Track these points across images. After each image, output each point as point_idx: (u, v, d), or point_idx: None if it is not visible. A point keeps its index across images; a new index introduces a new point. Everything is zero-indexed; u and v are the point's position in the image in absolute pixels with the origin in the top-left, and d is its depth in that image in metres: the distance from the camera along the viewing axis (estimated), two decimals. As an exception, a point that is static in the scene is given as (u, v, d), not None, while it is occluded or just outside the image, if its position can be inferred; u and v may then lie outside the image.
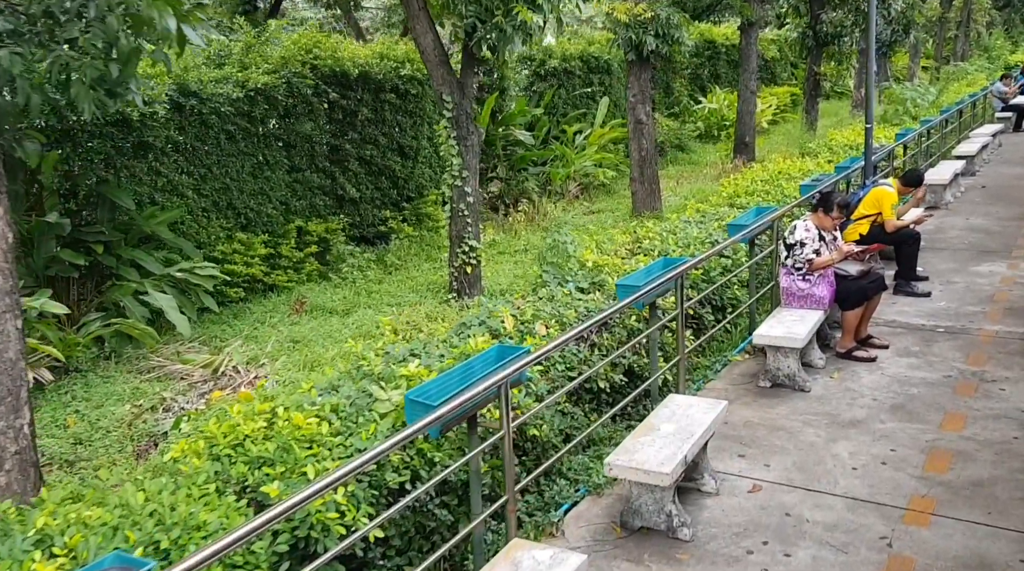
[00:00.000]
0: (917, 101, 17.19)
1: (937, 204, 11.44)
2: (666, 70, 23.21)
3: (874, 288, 6.24)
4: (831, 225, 6.31)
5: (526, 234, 12.84)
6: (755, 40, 17.56)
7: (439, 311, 8.93)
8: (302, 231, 10.97)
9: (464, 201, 9.10)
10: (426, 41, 8.67)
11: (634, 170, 13.59)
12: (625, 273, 6.85)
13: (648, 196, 13.58)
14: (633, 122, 13.36)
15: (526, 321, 6.00)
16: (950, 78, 27.83)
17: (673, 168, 18.99)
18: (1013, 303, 7.31)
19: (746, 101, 17.64)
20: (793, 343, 5.57)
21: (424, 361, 5.21)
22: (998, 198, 11.90)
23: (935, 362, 6.09)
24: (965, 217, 10.82)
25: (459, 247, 9.16)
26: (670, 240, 7.96)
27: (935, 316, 7.11)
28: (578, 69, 18.19)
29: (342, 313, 9.11)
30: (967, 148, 14.10)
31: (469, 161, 9.10)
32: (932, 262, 8.75)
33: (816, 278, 6.16)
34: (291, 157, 11.04)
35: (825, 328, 6.56)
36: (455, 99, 8.87)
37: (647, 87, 13.23)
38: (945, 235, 9.92)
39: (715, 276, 7.44)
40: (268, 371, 7.28)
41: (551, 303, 6.41)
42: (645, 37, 12.52)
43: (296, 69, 10.98)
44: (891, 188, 7.80)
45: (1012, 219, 10.48)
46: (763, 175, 11.63)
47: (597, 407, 5.88)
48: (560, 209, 14.50)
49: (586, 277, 6.87)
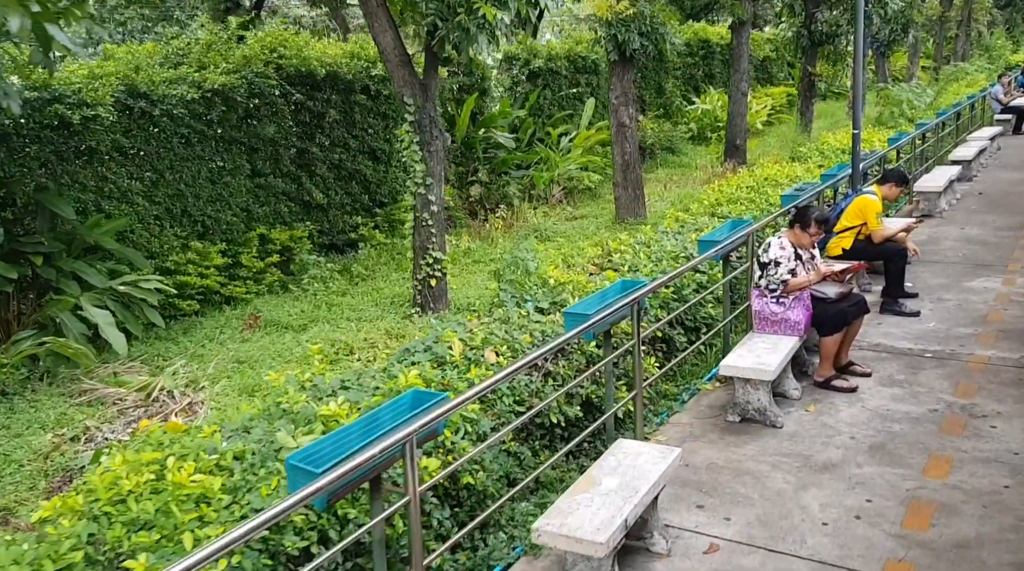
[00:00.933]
0: (913, 103, 16.66)
1: (931, 212, 10.92)
2: (658, 70, 22.70)
3: (855, 312, 5.73)
4: (808, 242, 5.79)
5: (503, 242, 12.33)
6: (746, 40, 17.03)
7: (400, 327, 8.42)
8: (265, 239, 10.47)
9: (428, 210, 8.59)
10: (385, 40, 8.15)
11: (617, 175, 13.07)
12: (588, 293, 6.35)
13: (632, 202, 13.06)
14: (616, 125, 12.85)
15: (475, 347, 5.51)
16: (949, 79, 27.29)
17: (663, 171, 18.47)
18: (1007, 324, 6.80)
19: (737, 103, 17.12)
20: (763, 375, 5.06)
21: (353, 396, 4.71)
22: (995, 206, 11.38)
23: (921, 393, 5.58)
24: (960, 226, 10.30)
25: (423, 259, 8.65)
26: (642, 254, 7.45)
27: (923, 339, 6.59)
28: (564, 69, 17.66)
29: (298, 329, 8.60)
30: (964, 152, 13.57)
31: (433, 167, 8.58)
32: (923, 277, 8.24)
33: (791, 301, 5.65)
34: (253, 161, 10.53)
35: (802, 354, 6.05)
36: (418, 102, 8.36)
37: (631, 88, 12.71)
38: (938, 246, 9.40)
39: (687, 294, 6.94)
40: (206, 396, 6.77)
41: (505, 325, 5.91)
42: (628, 35, 12.01)
43: (258, 69, 10.47)
44: (875, 196, 7.28)
45: (1009, 229, 9.96)
46: (749, 181, 11.12)
47: (550, 443, 5.37)
48: (541, 215, 13.99)
49: (547, 296, 6.37)
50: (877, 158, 10.36)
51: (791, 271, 5.67)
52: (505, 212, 13.29)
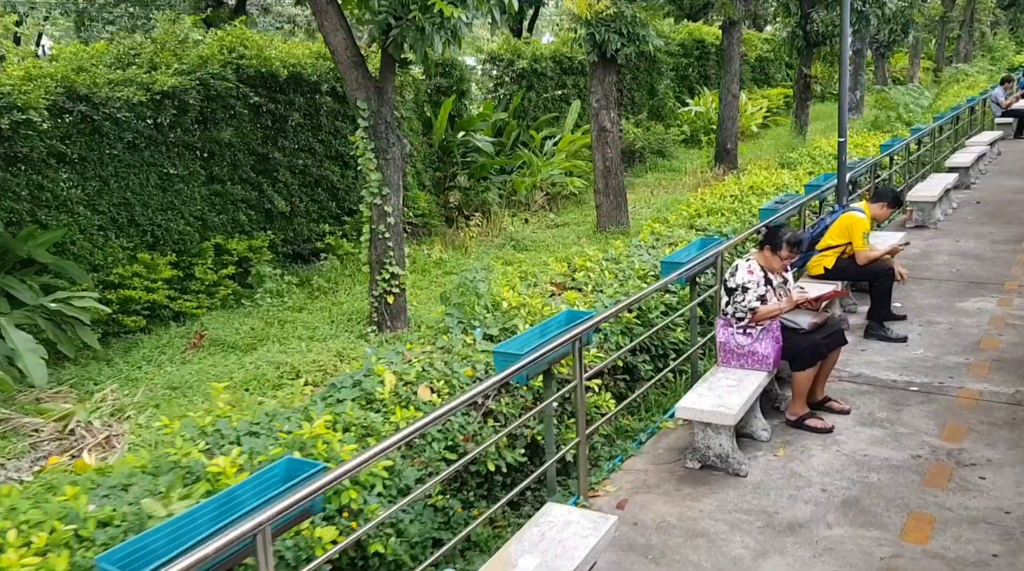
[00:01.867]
0: (910, 106, 16.08)
1: (925, 223, 10.35)
2: (650, 70, 22.14)
3: (831, 343, 5.17)
4: (780, 266, 5.24)
5: (478, 251, 11.78)
6: (738, 40, 16.46)
7: (354, 348, 7.88)
8: (221, 250, 9.92)
9: (384, 222, 8.04)
10: (336, 40, 7.60)
11: (598, 181, 12.52)
12: (542, 318, 5.80)
13: (613, 210, 12.51)
14: (596, 129, 12.29)
15: (410, 381, 4.97)
16: (950, 81, 26.70)
17: (652, 176, 17.91)
18: (1002, 352, 6.24)
19: (728, 105, 16.55)
20: (724, 419, 4.51)
21: (260, 444, 4.16)
22: (993, 216, 10.81)
23: (903, 435, 5.02)
24: (955, 239, 9.73)
25: (379, 274, 8.10)
26: (608, 273, 6.90)
27: (909, 368, 6.03)
28: (550, 70, 17.11)
29: (245, 349, 8.06)
30: (962, 159, 12.99)
31: (390, 176, 8.03)
32: (913, 296, 7.68)
33: (759, 332, 5.09)
34: (209, 167, 9.98)
35: (774, 388, 5.49)
36: (372, 106, 7.81)
37: (612, 91, 12.15)
38: (931, 262, 8.83)
39: (655, 317, 6.39)
40: (130, 428, 6.23)
41: (447, 356, 5.37)
42: (608, 36, 11.44)
43: (215, 70, 9.92)
44: (862, 213, 6.72)
45: (1007, 242, 9.39)
46: (734, 189, 10.56)
47: (489, 491, 4.82)
48: (520, 222, 13.43)
49: (497, 322, 5.81)
50: (867, 166, 9.79)
51: (760, 298, 5.11)
52: (480, 220, 12.72)
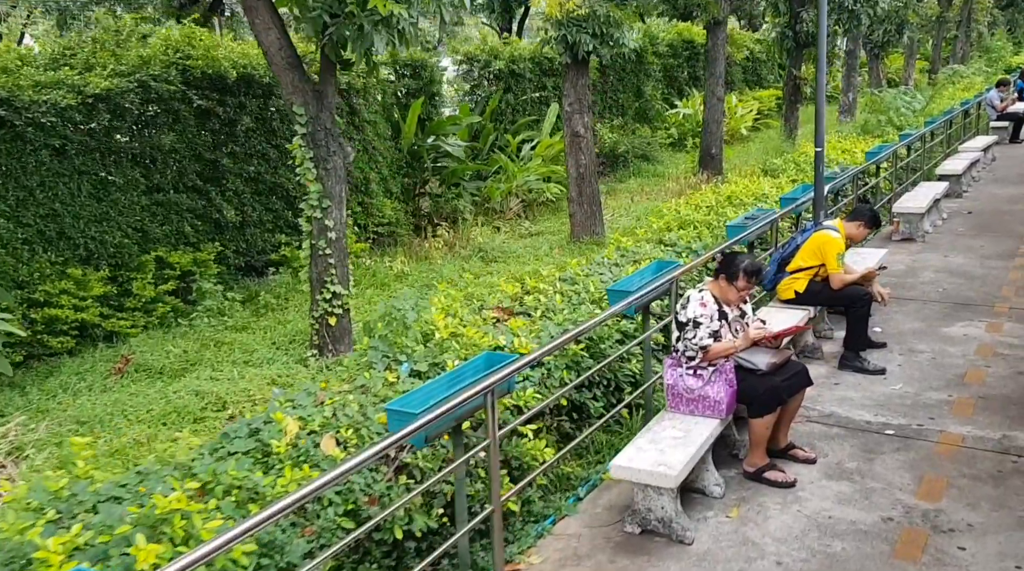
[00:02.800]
0: (901, 110, 15.49)
1: (912, 236, 9.76)
2: (637, 71, 21.56)
3: (793, 386, 4.57)
4: (736, 298, 4.64)
5: (443, 263, 11.17)
6: (723, 41, 15.86)
7: (291, 374, 7.28)
8: (163, 263, 9.31)
9: (325, 237, 7.43)
10: (269, 39, 7.00)
11: (571, 189, 11.92)
12: (480, 350, 5.21)
13: (588, 219, 11.91)
14: (569, 134, 11.69)
15: (313, 431, 4.37)
16: (945, 82, 26.12)
17: (635, 181, 17.32)
18: (988, 387, 5.64)
19: (712, 109, 15.96)
20: (664, 481, 3.91)
21: (116, 514, 3.56)
22: (985, 228, 10.22)
23: (874, 492, 4.42)
24: (943, 254, 9.14)
25: (320, 293, 7.49)
26: (559, 297, 6.30)
27: (886, 407, 5.44)
28: (528, 71, 16.50)
29: (173, 374, 7.45)
30: (953, 166, 12.40)
31: (331, 188, 7.43)
32: (895, 319, 7.09)
33: (711, 373, 4.49)
34: (150, 175, 9.37)
35: (732, 432, 4.90)
36: (311, 111, 7.21)
37: (585, 94, 11.55)
38: (916, 279, 8.24)
39: (608, 348, 5.79)
40: (26, 470, 5.62)
41: (364, 397, 4.78)
42: (580, 37, 10.85)
43: (156, 71, 9.31)
44: (836, 233, 6.13)
45: (998, 258, 8.80)
46: (711, 199, 9.97)
47: (399, 562, 4.22)
48: (490, 232, 12.82)
49: (428, 355, 5.22)
50: (850, 176, 9.19)
51: (713, 334, 4.52)
52: (447, 229, 12.12)
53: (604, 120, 19.51)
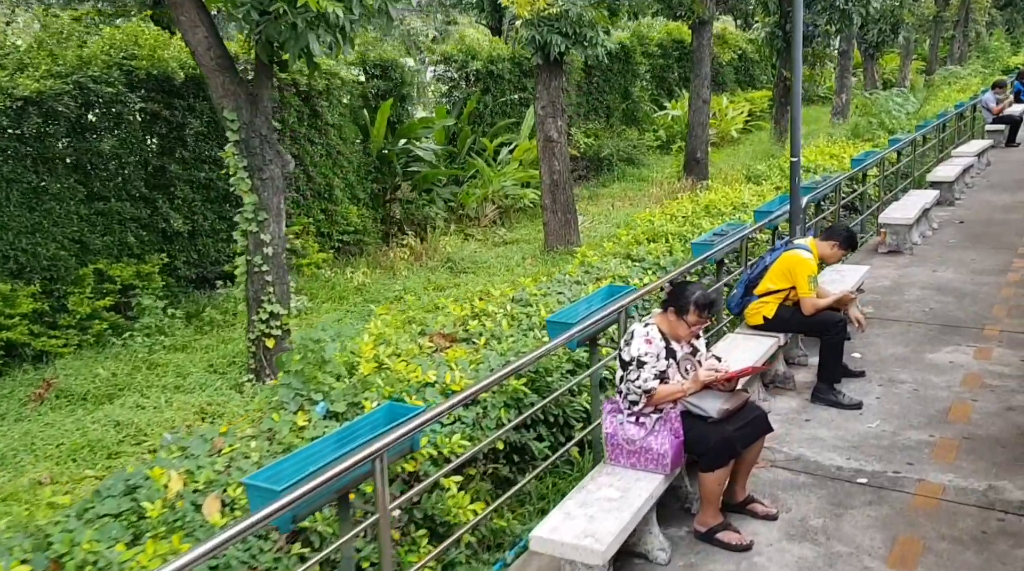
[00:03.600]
0: (893, 113, 14.94)
1: (900, 248, 9.21)
2: (624, 72, 21.01)
3: (748, 436, 4.02)
4: (687, 334, 4.09)
5: (408, 275, 10.62)
6: (708, 41, 15.32)
7: (223, 401, 6.73)
8: (103, 276, 8.75)
9: (261, 252, 6.88)
10: (196, 38, 6.45)
11: (545, 197, 11.37)
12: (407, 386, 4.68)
13: (562, 227, 11.36)
14: (543, 139, 11.14)
15: (199, 489, 3.83)
16: (940, 83, 25.57)
17: (619, 186, 16.78)
18: (975, 426, 5.09)
19: (698, 111, 15.41)
20: (591, 556, 3.35)
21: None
22: (977, 239, 9.67)
23: (840, 558, 3.87)
24: (932, 268, 8.59)
25: (256, 313, 6.94)
26: (507, 321, 5.75)
27: (860, 449, 4.89)
28: (507, 72, 15.94)
29: (99, 400, 6.90)
30: (945, 173, 11.84)
31: (267, 199, 6.88)
32: (876, 343, 6.54)
33: (655, 421, 3.94)
34: (88, 183, 8.82)
35: (684, 483, 4.34)
36: (244, 117, 6.66)
37: (558, 97, 11.00)
38: (902, 297, 7.69)
39: (555, 381, 5.25)
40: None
41: (268, 445, 4.24)
42: (552, 36, 10.30)
43: (96, 72, 8.76)
44: (809, 254, 5.58)
45: (990, 273, 8.25)
46: (688, 208, 9.43)
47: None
48: (460, 240, 12.26)
49: (347, 394, 4.67)
50: (833, 185, 8.62)
51: (659, 375, 3.97)
52: (413, 239, 11.55)
53: (589, 122, 18.95)
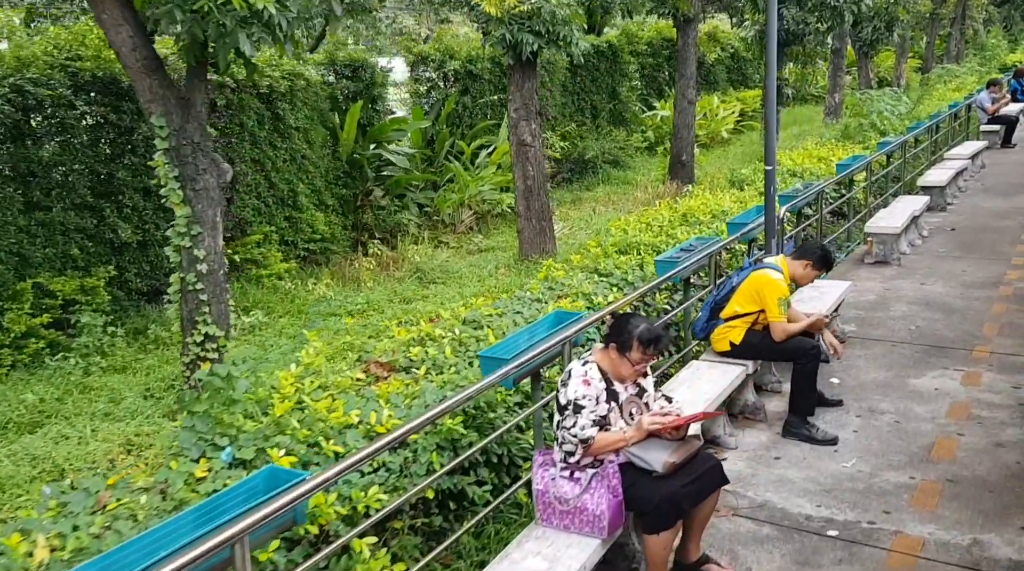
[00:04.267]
0: (885, 113, 14.45)
1: (887, 258, 8.73)
2: (612, 71, 20.53)
3: (698, 492, 3.52)
4: (631, 374, 3.61)
5: (373, 286, 10.13)
6: (694, 40, 14.82)
7: (154, 431, 6.23)
8: (44, 291, 8.26)
9: (195, 269, 6.39)
10: (120, 37, 5.95)
11: (519, 203, 10.87)
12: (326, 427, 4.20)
13: (537, 235, 10.87)
14: (516, 143, 10.65)
15: (65, 558, 3.34)
16: (936, 82, 25.09)
17: (603, 189, 16.28)
18: (960, 466, 4.61)
19: (683, 112, 14.92)
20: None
21: None
22: (969, 248, 9.19)
23: (801, 632, 3.40)
24: (920, 280, 8.11)
25: (190, 335, 6.45)
26: (451, 348, 5.27)
27: (833, 493, 4.41)
28: (487, 72, 15.44)
29: (20, 429, 6.40)
30: (937, 177, 11.36)
31: (202, 212, 6.39)
32: (856, 365, 6.06)
33: (591, 476, 3.45)
34: (28, 191, 8.32)
35: (630, 542, 3.86)
36: (174, 123, 6.17)
37: (532, 98, 10.51)
38: (887, 313, 7.21)
39: (499, 417, 4.76)
40: None
41: (161, 500, 3.75)
42: (523, 36, 9.80)
43: (36, 74, 8.26)
44: (777, 273, 5.09)
45: (982, 286, 7.77)
46: (665, 216, 8.95)
47: None
48: (431, 248, 11.77)
49: (258, 436, 4.17)
50: (815, 193, 8.13)
51: (598, 421, 3.49)
52: (378, 248, 11.05)
53: (574, 123, 18.46)
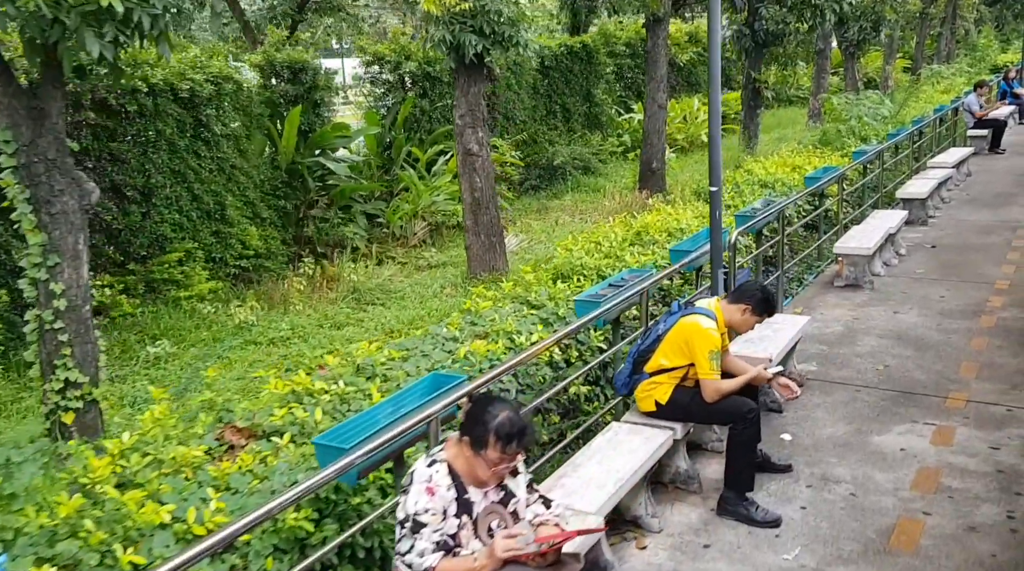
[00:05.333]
0: (864, 118, 13.65)
1: (859, 282, 7.92)
2: (586, 73, 19.73)
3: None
4: (490, 476, 2.78)
5: (303, 309, 9.28)
6: (664, 40, 14.00)
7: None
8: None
9: (51, 305, 5.53)
10: (-48, 42, 5.10)
11: (466, 217, 10.03)
12: (121, 533, 3.36)
13: (486, 252, 10.02)
14: (462, 153, 9.81)
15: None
16: (923, 83, 24.34)
17: (571, 197, 15.47)
18: (924, 560, 3.78)
19: (653, 117, 14.11)
20: None
21: None
22: (950, 269, 8.38)
23: None
24: (893, 307, 7.30)
25: (49, 381, 5.59)
26: (322, 410, 4.42)
27: (767, 599, 3.60)
28: (447, 74, 14.58)
29: None
30: (917, 188, 10.56)
31: (60, 239, 5.53)
32: (813, 417, 5.25)
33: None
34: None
35: None
36: (23, 136, 5.31)
37: (479, 105, 9.67)
38: (853, 348, 6.39)
39: (365, 502, 3.92)
40: None
41: None
42: (465, 36, 8.97)
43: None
44: (709, 319, 4.26)
45: (962, 314, 6.96)
46: (618, 234, 8.13)
47: None
48: (375, 264, 10.91)
49: (39, 543, 3.31)
50: (776, 212, 7.27)
51: (443, 543, 2.65)
52: (311, 266, 10.20)
53: (545, 126, 17.65)
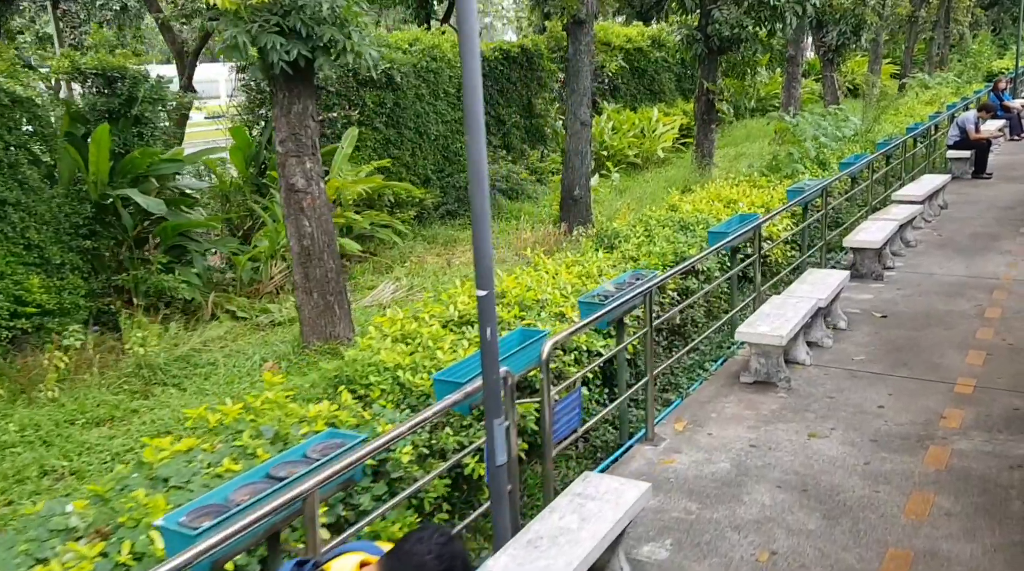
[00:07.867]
0: (821, 139, 11.46)
1: (770, 379, 5.75)
2: (528, 81, 17.59)
3: None
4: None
5: (56, 394, 7.05)
6: (586, 46, 11.79)
7: None
8: None
9: None
10: None
11: (296, 272, 7.82)
12: None
13: (320, 315, 7.81)
14: (285, 188, 7.64)
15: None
16: (903, 95, 22.17)
17: (496, 226, 13.26)
18: None
19: (575, 136, 11.89)
20: None
21: None
22: (899, 354, 6.20)
23: None
24: (808, 426, 5.13)
25: None
26: None
27: None
28: (331, 83, 12.42)
29: None
30: (869, 236, 8.33)
31: None
32: None
33: None
34: None
35: None
36: None
37: (306, 127, 7.49)
38: (732, 513, 4.21)
39: None
40: None
41: None
42: (269, 39, 6.81)
43: None
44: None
45: (902, 445, 4.78)
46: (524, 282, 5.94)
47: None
48: (193, 327, 8.69)
49: None
50: (648, 289, 5.03)
51: None
52: (78, 335, 7.94)
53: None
